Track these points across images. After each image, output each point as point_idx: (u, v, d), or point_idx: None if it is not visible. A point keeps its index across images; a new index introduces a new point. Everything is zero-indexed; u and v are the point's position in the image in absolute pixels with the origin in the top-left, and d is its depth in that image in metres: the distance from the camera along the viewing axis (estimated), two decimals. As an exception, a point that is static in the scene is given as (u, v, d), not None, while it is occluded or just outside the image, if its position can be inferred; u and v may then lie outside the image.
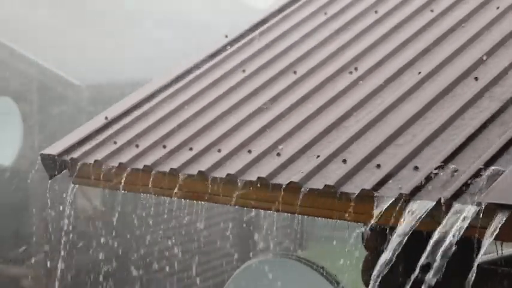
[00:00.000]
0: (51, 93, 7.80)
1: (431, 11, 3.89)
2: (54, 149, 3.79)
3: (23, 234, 7.96)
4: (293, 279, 3.85)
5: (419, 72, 3.46)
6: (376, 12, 3.98)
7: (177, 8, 9.27)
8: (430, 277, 2.65)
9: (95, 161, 3.61)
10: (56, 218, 6.23)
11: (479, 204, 2.66)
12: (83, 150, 3.72)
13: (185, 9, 9.19)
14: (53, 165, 3.75)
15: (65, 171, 3.79)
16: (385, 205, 2.82)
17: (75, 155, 3.70)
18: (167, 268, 7.90)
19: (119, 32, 8.48)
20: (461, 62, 3.47)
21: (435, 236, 2.67)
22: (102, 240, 7.33)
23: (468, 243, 2.67)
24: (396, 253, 2.74)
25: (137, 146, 3.59)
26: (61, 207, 3.98)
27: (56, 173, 3.79)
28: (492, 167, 2.79)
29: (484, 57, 3.44)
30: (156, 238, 7.81)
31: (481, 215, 2.64)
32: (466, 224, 2.64)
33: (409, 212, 2.76)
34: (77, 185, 3.75)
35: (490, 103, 3.19)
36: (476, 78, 3.33)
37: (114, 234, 7.31)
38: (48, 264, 7.39)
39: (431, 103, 3.25)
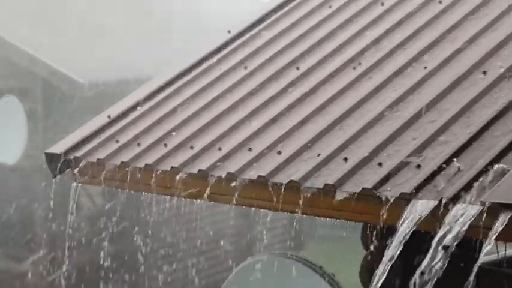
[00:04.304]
0: (56, 91, 7.80)
1: (440, 2, 3.80)
2: (58, 148, 3.78)
3: (27, 232, 7.98)
4: (291, 279, 3.81)
5: (426, 67, 3.39)
6: (382, 4, 3.90)
7: (178, 8, 9.25)
8: (431, 277, 2.58)
9: (97, 160, 3.59)
10: (59, 216, 6.24)
11: (482, 203, 2.59)
12: (85, 149, 3.71)
13: (186, 8, 9.16)
14: (57, 164, 3.75)
15: (68, 169, 3.77)
16: (386, 204, 2.75)
17: (78, 153, 3.70)
18: (166, 266, 7.90)
19: (123, 30, 8.47)
20: (469, 56, 3.39)
21: (437, 236, 2.60)
22: (102, 238, 7.34)
23: (470, 243, 2.60)
24: (397, 253, 2.68)
25: (139, 144, 3.57)
26: (64, 206, 3.96)
27: (60, 171, 3.77)
28: (497, 166, 2.72)
29: (493, 50, 3.35)
30: (156, 236, 7.80)
31: (484, 214, 2.56)
32: (468, 224, 2.57)
33: (410, 211, 2.70)
34: (80, 184, 3.73)
35: (497, 99, 3.11)
36: (484, 73, 3.25)
37: (114, 232, 7.32)
38: (52, 262, 7.41)
39: (436, 99, 3.18)
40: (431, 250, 2.59)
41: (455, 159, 2.82)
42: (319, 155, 3.05)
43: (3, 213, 7.97)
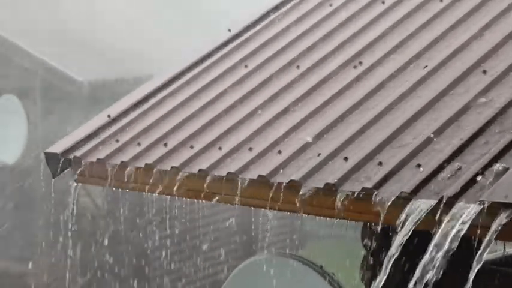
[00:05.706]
0: (55, 90, 7.79)
1: (440, 1, 3.80)
2: (58, 147, 3.79)
3: (27, 232, 7.96)
4: (291, 278, 3.80)
5: (426, 66, 3.38)
6: (383, 3, 3.89)
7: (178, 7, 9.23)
8: (431, 277, 2.58)
9: (97, 159, 3.59)
10: (59, 216, 6.24)
11: (482, 203, 2.58)
12: (85, 149, 3.71)
13: (187, 8, 9.15)
14: (57, 163, 3.75)
15: (68, 169, 3.77)
16: (386, 204, 2.75)
17: (78, 153, 3.70)
18: (166, 265, 7.89)
19: (122, 29, 8.46)
20: (470, 54, 3.38)
21: (437, 235, 2.59)
22: (103, 238, 7.33)
23: (470, 242, 2.60)
24: (397, 253, 2.67)
25: (139, 144, 3.57)
26: (64, 206, 3.96)
27: (60, 171, 3.77)
28: (497, 165, 2.71)
29: (493, 49, 3.34)
30: (156, 235, 7.79)
31: (484, 214, 2.56)
32: (468, 223, 2.56)
33: (410, 210, 2.69)
34: (80, 184, 3.73)
35: (498, 97, 3.10)
36: (484, 72, 3.24)
37: (114, 231, 7.31)
38: (52, 262, 7.40)
39: (436, 98, 3.17)
40: (431, 249, 2.59)
41: (456, 158, 2.81)
42: (319, 154, 3.05)
43: (3, 212, 7.96)
